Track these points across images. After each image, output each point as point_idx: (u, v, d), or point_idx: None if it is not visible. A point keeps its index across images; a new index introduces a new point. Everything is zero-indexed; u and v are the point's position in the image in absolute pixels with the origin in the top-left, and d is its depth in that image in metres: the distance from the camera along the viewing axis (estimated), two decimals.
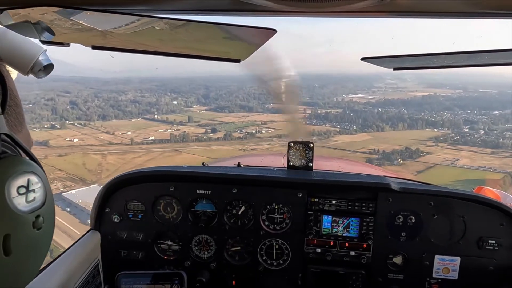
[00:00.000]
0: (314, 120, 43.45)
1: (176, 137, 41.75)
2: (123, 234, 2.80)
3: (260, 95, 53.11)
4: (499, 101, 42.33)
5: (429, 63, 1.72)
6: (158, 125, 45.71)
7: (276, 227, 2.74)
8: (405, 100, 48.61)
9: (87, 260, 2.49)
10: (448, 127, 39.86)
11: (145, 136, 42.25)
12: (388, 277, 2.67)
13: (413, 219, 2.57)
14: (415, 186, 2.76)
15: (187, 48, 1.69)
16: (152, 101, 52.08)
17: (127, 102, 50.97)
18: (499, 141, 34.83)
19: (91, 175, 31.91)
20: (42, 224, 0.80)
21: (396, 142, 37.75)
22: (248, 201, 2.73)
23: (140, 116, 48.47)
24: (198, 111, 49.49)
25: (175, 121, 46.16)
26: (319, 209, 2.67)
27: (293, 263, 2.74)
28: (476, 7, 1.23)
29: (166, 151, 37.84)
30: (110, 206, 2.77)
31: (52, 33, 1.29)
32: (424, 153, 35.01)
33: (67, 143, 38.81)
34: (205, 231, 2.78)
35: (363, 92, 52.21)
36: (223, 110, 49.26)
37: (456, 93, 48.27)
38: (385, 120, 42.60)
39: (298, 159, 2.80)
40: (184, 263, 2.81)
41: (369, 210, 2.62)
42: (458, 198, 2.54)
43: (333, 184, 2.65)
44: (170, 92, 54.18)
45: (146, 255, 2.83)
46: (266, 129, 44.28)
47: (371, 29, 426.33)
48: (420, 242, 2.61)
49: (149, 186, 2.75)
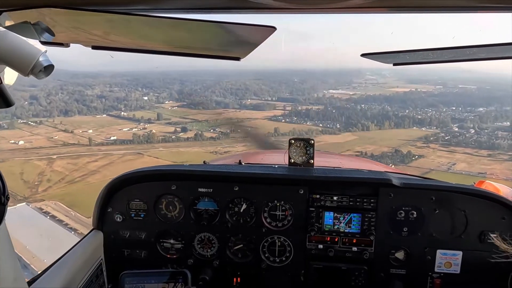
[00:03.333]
0: (294, 118, 40.07)
1: (140, 137, 36.54)
2: (126, 233, 2.71)
3: (237, 90, 50.51)
4: (482, 98, 41.57)
5: (429, 58, 1.70)
6: (124, 123, 40.66)
7: (278, 224, 2.66)
8: (387, 96, 46.77)
9: (90, 260, 2.45)
10: (437, 125, 37.84)
11: (107, 135, 37.00)
12: (391, 272, 2.61)
13: (414, 214, 2.51)
14: (416, 181, 2.68)
15: (187, 47, 1.64)
16: (120, 97, 47.37)
17: (93, 97, 46.01)
18: (494, 141, 32.45)
19: (25, 189, 26.10)
20: None
21: (384, 143, 34.76)
22: (250, 198, 2.65)
23: (106, 113, 43.71)
24: (170, 107, 45.26)
25: (142, 118, 40.98)
26: (320, 205, 2.61)
27: (295, 260, 2.68)
28: (475, 1, 1.21)
29: (127, 153, 32.48)
30: (112, 206, 2.69)
31: (51, 34, 1.25)
32: (416, 156, 31.89)
33: (10, 146, 32.94)
34: (208, 229, 2.69)
35: (344, 87, 50.24)
36: (197, 106, 45.25)
37: (437, 89, 47.45)
38: (369, 118, 39.89)
39: (299, 156, 2.69)
40: (187, 261, 2.74)
41: (371, 206, 2.55)
42: (459, 192, 2.49)
43: (334, 180, 2.59)
44: (142, 87, 49.73)
45: (149, 254, 2.75)
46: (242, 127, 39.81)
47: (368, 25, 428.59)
48: (422, 237, 2.54)
49: (151, 185, 2.67)
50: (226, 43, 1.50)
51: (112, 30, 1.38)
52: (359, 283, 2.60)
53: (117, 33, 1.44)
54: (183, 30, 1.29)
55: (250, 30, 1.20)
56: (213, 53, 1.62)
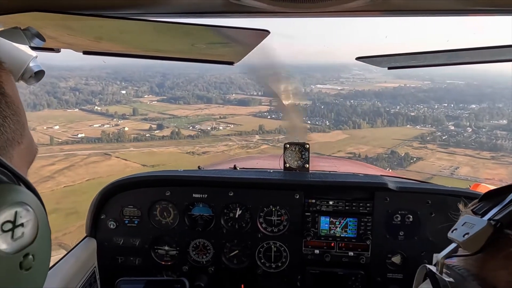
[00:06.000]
0: (281, 114, 36.32)
1: (110, 135, 32.20)
2: (120, 240, 2.63)
3: (221, 84, 47.17)
4: (472, 95, 39.80)
5: (423, 61, 1.71)
6: (96, 119, 36.24)
7: (274, 229, 2.62)
8: (376, 92, 44.05)
9: (83, 268, 2.40)
10: (431, 123, 35.37)
11: (75, 132, 32.56)
12: (387, 277, 2.58)
13: (410, 218, 2.49)
14: (412, 185, 2.68)
15: (179, 51, 1.64)
16: (96, 90, 43.11)
17: (67, 90, 41.54)
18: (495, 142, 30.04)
19: None
20: (31, 263, 0.64)
21: (378, 143, 31.67)
22: (245, 204, 2.60)
23: (78, 107, 39.11)
24: (149, 102, 41.21)
25: (116, 114, 36.58)
26: (316, 210, 2.57)
27: (291, 265, 2.63)
28: (469, 5, 1.21)
29: (93, 154, 28.21)
30: (105, 213, 2.61)
31: (42, 39, 1.21)
32: (414, 158, 28.82)
33: None
34: (203, 235, 2.64)
35: (332, 82, 46.79)
36: (177, 101, 41.40)
37: (425, 84, 44.96)
38: (360, 115, 36.96)
39: (294, 161, 2.67)
40: (182, 268, 2.67)
41: (367, 210, 2.53)
42: (454, 195, 2.47)
43: (330, 184, 2.57)
44: (121, 81, 45.34)
45: (143, 261, 2.67)
46: (225, 124, 36.22)
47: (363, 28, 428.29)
48: (419, 241, 2.51)
49: (145, 191, 2.62)
50: (219, 47, 1.47)
51: (103, 35, 1.34)
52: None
53: (108, 38, 1.40)
54: (175, 34, 1.28)
55: (244, 34, 1.18)
56: (206, 58, 1.62)
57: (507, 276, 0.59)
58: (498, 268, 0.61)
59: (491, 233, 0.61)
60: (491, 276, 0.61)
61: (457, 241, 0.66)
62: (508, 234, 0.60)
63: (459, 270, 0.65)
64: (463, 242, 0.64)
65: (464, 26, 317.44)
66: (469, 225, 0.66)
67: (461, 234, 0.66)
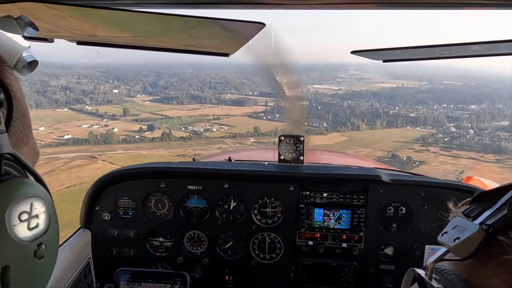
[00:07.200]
0: (277, 115, 35.16)
1: (98, 137, 30.52)
2: (114, 231, 2.63)
3: (216, 84, 45.76)
4: (471, 95, 39.35)
5: (418, 55, 1.72)
6: (85, 119, 34.68)
7: (268, 221, 2.62)
8: (374, 92, 43.10)
9: (77, 259, 2.40)
10: (432, 125, 34.40)
11: (61, 133, 30.88)
12: (380, 268, 2.60)
13: (403, 210, 2.50)
14: (405, 177, 2.69)
15: (174, 43, 1.61)
16: (88, 89, 41.66)
17: (57, 89, 39.93)
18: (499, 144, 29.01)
19: None
20: (44, 253, 0.69)
21: (378, 145, 30.51)
22: (240, 195, 2.59)
23: (68, 106, 37.51)
24: (141, 102, 39.69)
25: (106, 114, 34.92)
26: (310, 202, 2.58)
27: (285, 257, 2.64)
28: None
29: (77, 157, 26.47)
30: (100, 204, 2.60)
31: (35, 28, 1.16)
32: (417, 162, 27.52)
33: None
34: (197, 227, 2.64)
35: (328, 82, 45.78)
36: (170, 101, 39.87)
37: (422, 84, 44.55)
38: (359, 116, 35.76)
39: (289, 153, 2.67)
40: (177, 259, 2.66)
41: (360, 202, 2.53)
42: (447, 188, 2.48)
43: (324, 177, 2.58)
44: (113, 80, 43.81)
45: (138, 252, 2.68)
46: (218, 126, 34.66)
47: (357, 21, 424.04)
48: (411, 233, 2.52)
49: (140, 183, 2.60)
50: (215, 39, 1.47)
51: (97, 25, 1.33)
52: (349, 279, 2.56)
53: (102, 28, 1.38)
54: (171, 25, 1.26)
55: (239, 26, 1.18)
56: (201, 49, 1.62)
57: (498, 284, 0.57)
58: (489, 276, 0.59)
59: (483, 238, 0.59)
60: (482, 283, 0.59)
61: (447, 246, 0.63)
62: (501, 241, 0.58)
63: (449, 275, 0.63)
64: (453, 247, 0.61)
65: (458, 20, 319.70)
66: (460, 229, 0.63)
67: (452, 238, 0.63)
